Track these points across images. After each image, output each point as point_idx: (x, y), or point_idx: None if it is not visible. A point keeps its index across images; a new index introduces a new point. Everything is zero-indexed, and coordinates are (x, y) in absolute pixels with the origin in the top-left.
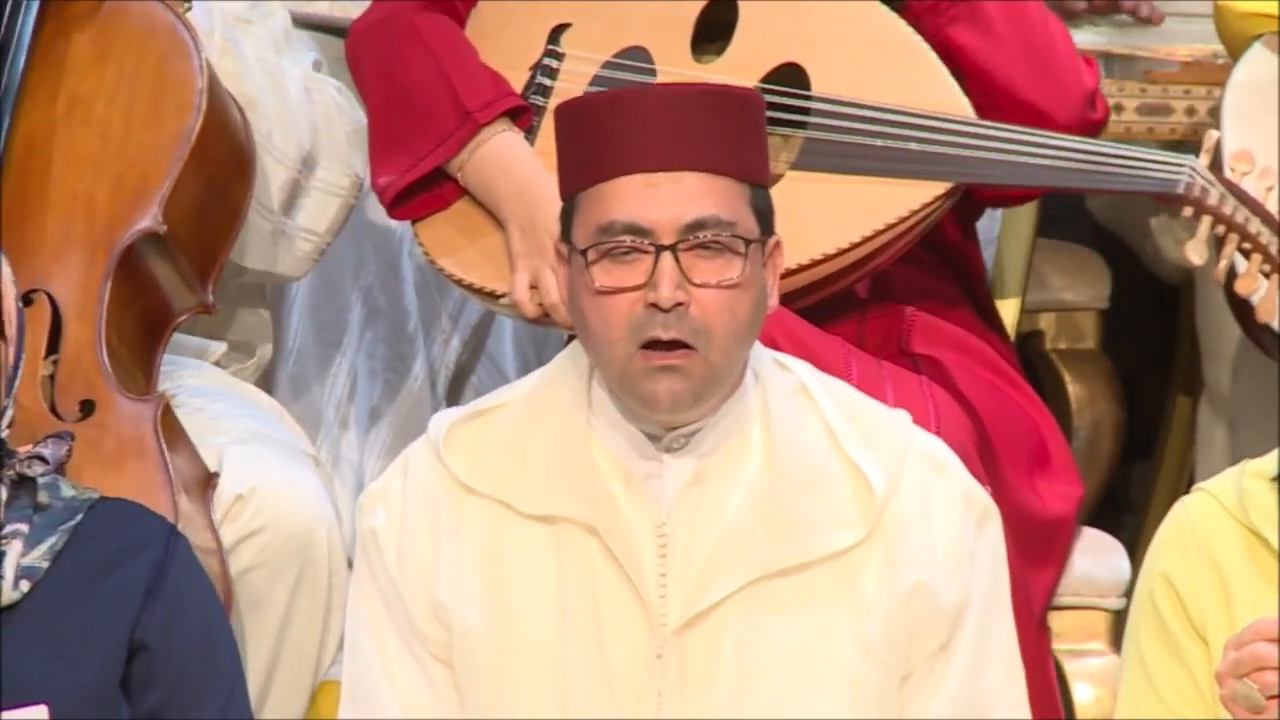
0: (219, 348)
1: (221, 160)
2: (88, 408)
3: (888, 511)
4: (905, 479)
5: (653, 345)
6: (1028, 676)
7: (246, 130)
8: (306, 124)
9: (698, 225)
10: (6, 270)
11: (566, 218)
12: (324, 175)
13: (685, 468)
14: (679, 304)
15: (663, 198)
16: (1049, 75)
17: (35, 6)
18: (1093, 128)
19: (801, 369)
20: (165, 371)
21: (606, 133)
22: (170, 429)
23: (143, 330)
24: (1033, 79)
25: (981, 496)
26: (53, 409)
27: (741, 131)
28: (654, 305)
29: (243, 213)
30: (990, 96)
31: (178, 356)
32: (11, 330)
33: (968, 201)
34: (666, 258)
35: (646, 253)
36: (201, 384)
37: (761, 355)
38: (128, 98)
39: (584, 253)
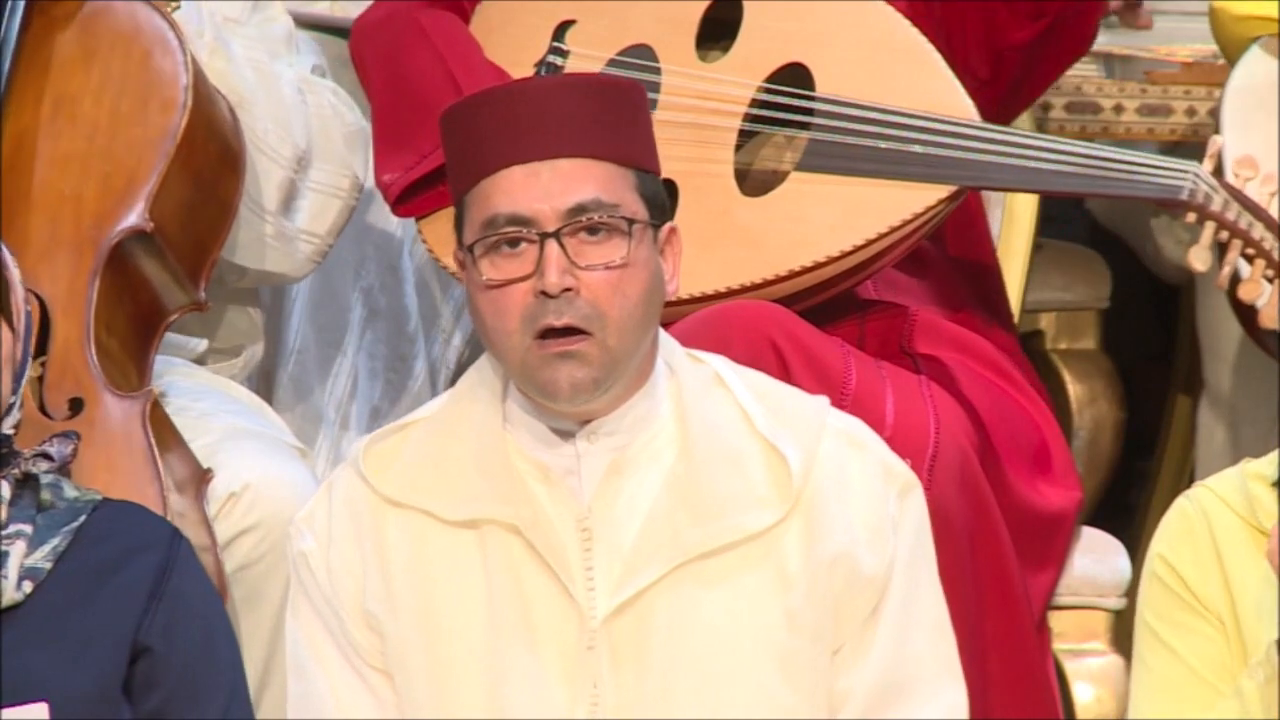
0: (200, 344)
1: (209, 157)
2: (76, 406)
3: (806, 487)
4: (822, 455)
5: (547, 334)
6: (1028, 676)
7: (236, 128)
8: (300, 124)
9: (579, 209)
10: (14, 265)
11: (458, 223)
12: (321, 177)
13: (602, 461)
14: (567, 289)
15: (543, 186)
16: None
17: (21, 7)
18: None
19: (716, 361)
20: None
21: (486, 129)
22: (160, 425)
23: (134, 327)
24: None
25: (903, 470)
26: (41, 408)
27: (621, 118)
28: (543, 293)
29: (233, 209)
30: None
31: (161, 355)
32: (20, 325)
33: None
34: (551, 244)
35: (532, 242)
36: (185, 382)
37: (674, 348)
38: (114, 96)
39: (470, 249)
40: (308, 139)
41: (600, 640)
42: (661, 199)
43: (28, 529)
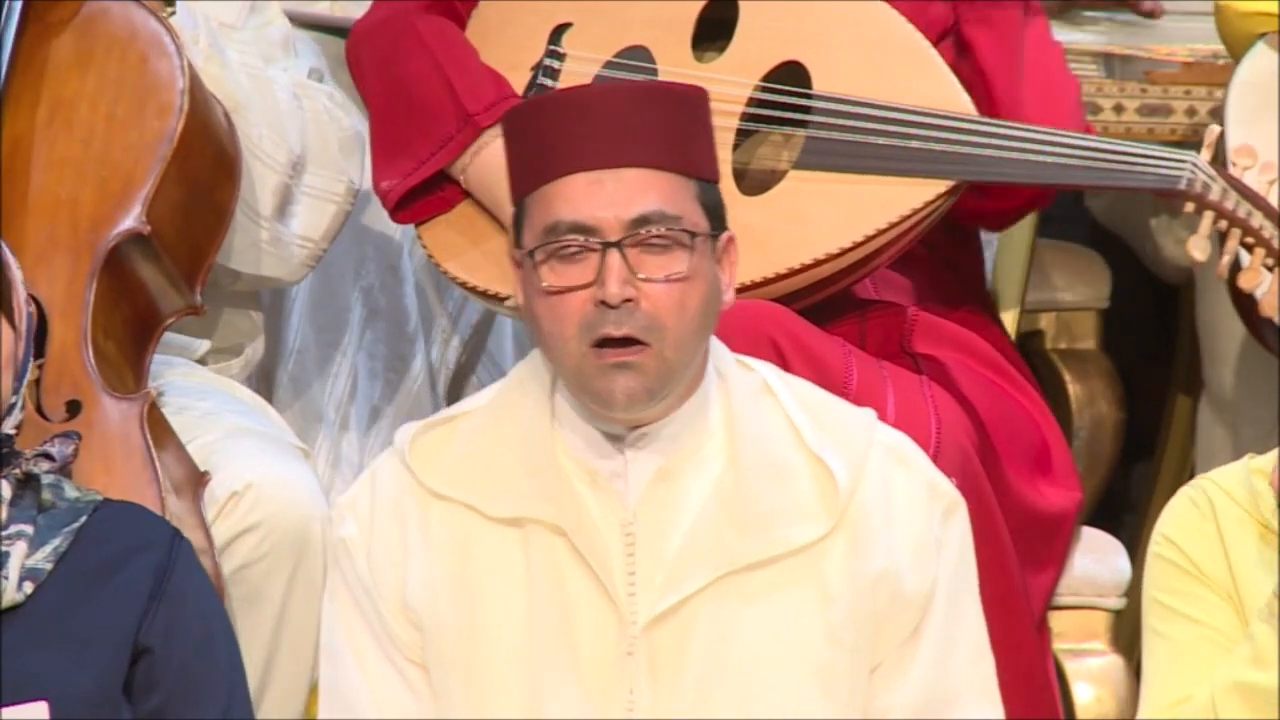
0: (202, 345)
1: (205, 161)
2: (74, 408)
3: (852, 503)
4: (869, 471)
5: (605, 343)
6: (1028, 676)
7: (231, 133)
8: (295, 129)
9: (642, 221)
10: (16, 267)
11: (518, 224)
12: (316, 181)
13: (650, 466)
14: (628, 300)
15: (607, 195)
16: (1048, 97)
17: (17, 12)
18: None
19: (764, 369)
20: (152, 370)
21: (550, 134)
22: (157, 427)
23: (131, 331)
24: (1032, 95)
25: (948, 489)
26: (39, 410)
27: (686, 128)
28: (603, 303)
29: (229, 214)
30: (988, 104)
31: (163, 355)
32: (21, 324)
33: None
34: (613, 254)
35: (594, 251)
36: (187, 382)
37: (724, 355)
38: (110, 100)
39: (531, 254)
40: (303, 144)
41: (640, 646)
42: (721, 208)
43: (29, 529)
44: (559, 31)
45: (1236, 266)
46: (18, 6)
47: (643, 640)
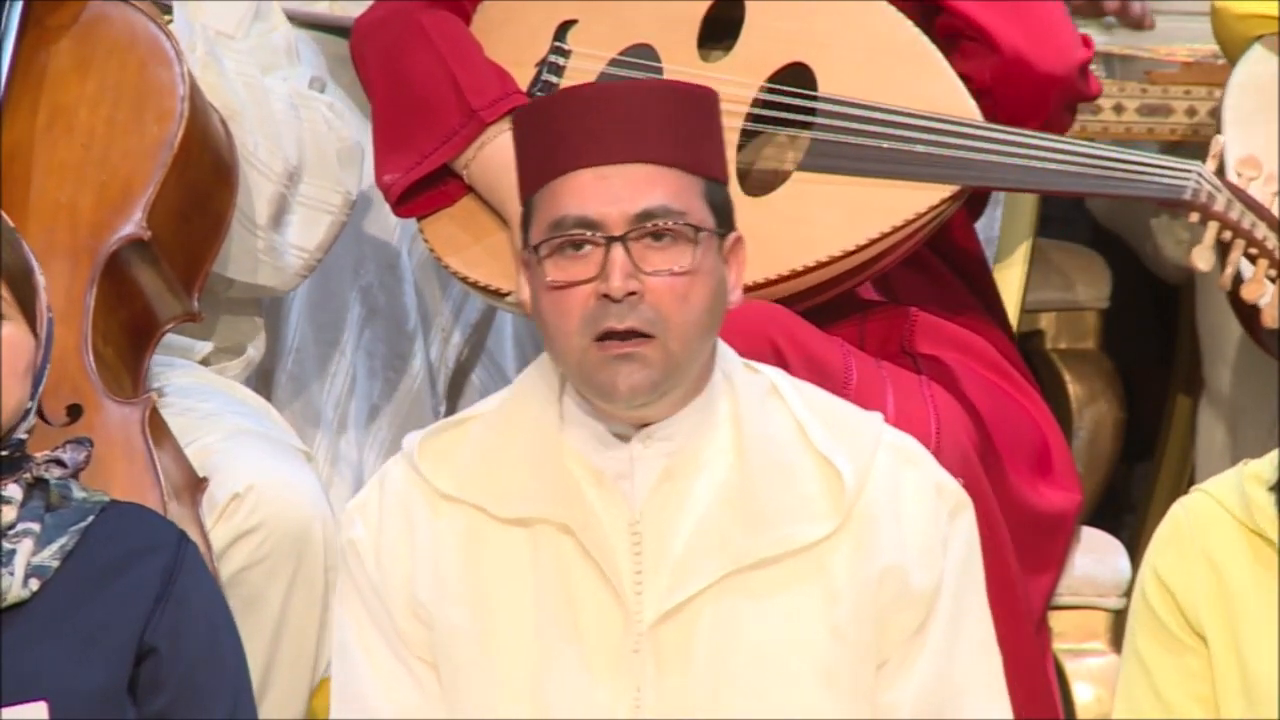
0: (205, 347)
1: (204, 168)
2: (75, 412)
3: (859, 502)
4: (876, 470)
5: (608, 336)
6: (1028, 676)
7: (229, 141)
8: (292, 139)
9: (647, 215)
10: (41, 275)
11: (525, 222)
12: (312, 191)
13: (656, 466)
14: (631, 293)
15: (612, 190)
16: (1046, 36)
17: (16, 17)
18: (1081, 97)
19: (772, 372)
20: (153, 371)
21: (558, 131)
22: (158, 431)
23: (129, 336)
24: (1030, 38)
25: (955, 488)
26: (40, 413)
27: (694, 125)
28: (606, 296)
29: (226, 222)
30: (986, 56)
31: (165, 356)
32: (43, 332)
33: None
34: (617, 248)
35: (598, 245)
36: (190, 383)
37: (731, 358)
38: (110, 106)
39: (536, 249)
40: (299, 154)
41: (646, 644)
42: (729, 208)
43: (35, 527)
44: (564, 28)
45: (1238, 278)
46: (18, 11)
47: (649, 638)
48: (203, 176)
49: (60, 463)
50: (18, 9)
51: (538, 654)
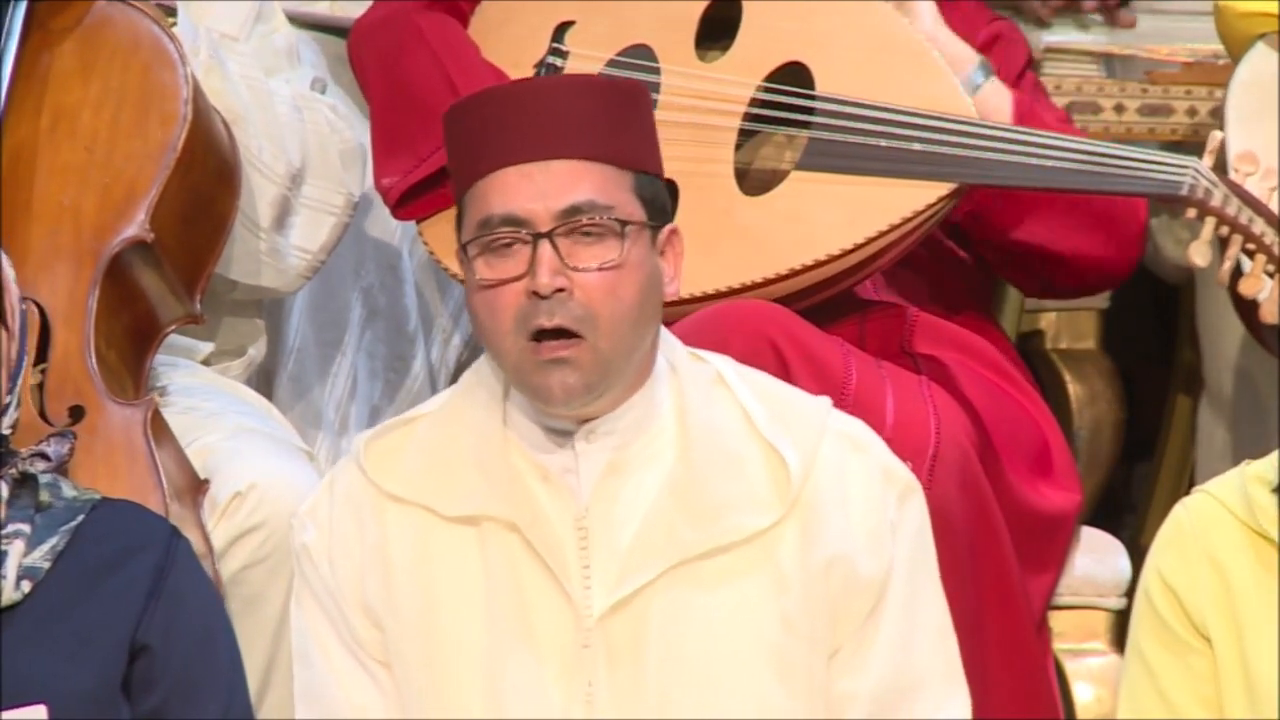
0: (206, 348)
1: (207, 171)
2: (77, 413)
3: (805, 489)
4: (822, 457)
5: (540, 335)
6: (1028, 676)
7: (232, 144)
8: (295, 141)
9: (573, 210)
10: (8, 266)
11: (459, 224)
12: (315, 193)
13: (600, 460)
14: (559, 290)
15: (538, 186)
16: (1110, 227)
17: (20, 20)
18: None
19: (719, 360)
20: (155, 371)
21: (482, 130)
22: (160, 433)
23: (131, 338)
24: (1096, 235)
25: (904, 474)
26: (42, 414)
27: (621, 119)
28: (535, 293)
29: (229, 224)
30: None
31: (168, 356)
32: (14, 324)
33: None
34: (544, 245)
35: (525, 243)
36: (192, 383)
37: (675, 347)
38: (113, 108)
39: (465, 248)
40: (302, 156)
41: (595, 639)
42: (661, 200)
43: (26, 528)
44: (562, 29)
45: (1237, 272)
46: (21, 14)
47: (598, 632)
48: (205, 179)
49: (44, 456)
50: (21, 11)
51: (490, 653)
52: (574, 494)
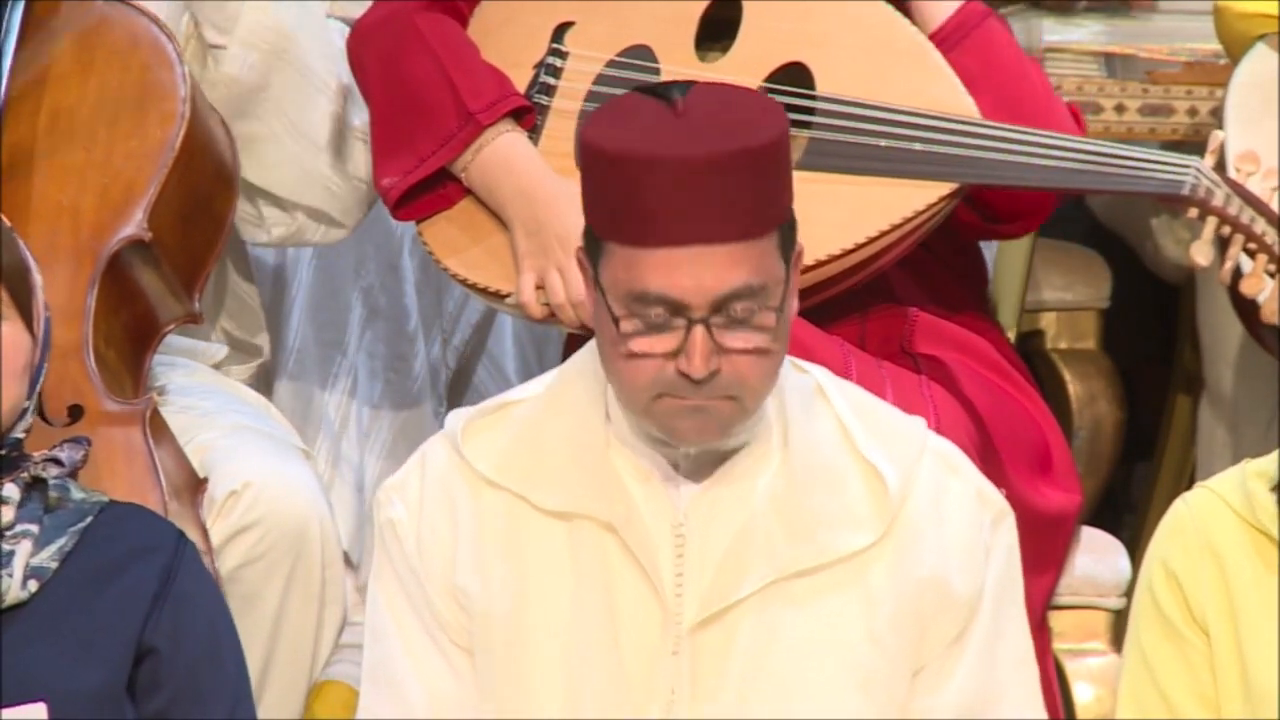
0: (220, 351)
1: (205, 170)
2: (75, 412)
3: (902, 509)
4: (919, 478)
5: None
6: None
7: (231, 144)
8: (343, 59)
9: (730, 297)
10: (37, 273)
11: (593, 245)
12: (362, 124)
13: (704, 468)
14: (713, 372)
15: (696, 272)
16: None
17: (18, 19)
18: None
19: (818, 371)
20: (154, 370)
21: (640, 195)
22: (159, 432)
23: (130, 338)
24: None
25: (997, 497)
26: (41, 414)
27: (772, 182)
28: (685, 375)
29: (228, 224)
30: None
31: (167, 355)
32: (39, 330)
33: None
34: (698, 330)
35: (679, 323)
36: (191, 382)
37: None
38: (111, 108)
39: (615, 319)
40: (350, 75)
41: (685, 647)
42: (794, 233)
43: (34, 528)
44: (561, 30)
45: (1238, 272)
46: (19, 13)
47: (688, 641)
48: (204, 178)
49: (58, 461)
50: (19, 11)
51: (572, 649)
52: (672, 500)
